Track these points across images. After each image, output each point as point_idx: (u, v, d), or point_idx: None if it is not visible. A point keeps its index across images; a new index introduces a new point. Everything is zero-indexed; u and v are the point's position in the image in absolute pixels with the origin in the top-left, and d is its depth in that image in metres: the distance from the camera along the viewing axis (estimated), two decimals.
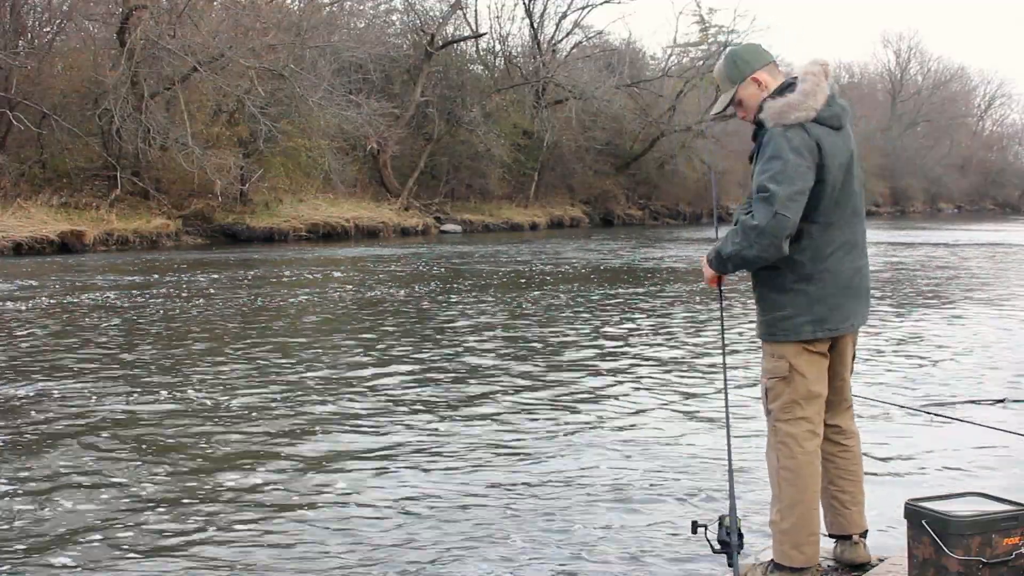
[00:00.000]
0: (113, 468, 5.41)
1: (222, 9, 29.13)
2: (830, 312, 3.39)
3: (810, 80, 3.34)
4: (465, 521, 4.61)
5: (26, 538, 4.37)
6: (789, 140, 3.26)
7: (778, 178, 3.22)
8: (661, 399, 7.30)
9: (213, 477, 5.28)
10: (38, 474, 5.29)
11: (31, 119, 24.50)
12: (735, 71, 3.47)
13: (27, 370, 8.22)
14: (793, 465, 3.40)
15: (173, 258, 20.80)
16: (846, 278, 3.41)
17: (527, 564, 4.10)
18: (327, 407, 6.96)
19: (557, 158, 40.51)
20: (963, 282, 16.85)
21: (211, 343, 9.77)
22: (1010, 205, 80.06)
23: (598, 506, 4.82)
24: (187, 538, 4.38)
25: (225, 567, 4.07)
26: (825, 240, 3.37)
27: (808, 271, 3.37)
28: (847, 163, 3.37)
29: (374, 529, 4.50)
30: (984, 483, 4.78)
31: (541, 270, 18.86)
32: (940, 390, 7.63)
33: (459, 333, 10.60)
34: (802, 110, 3.28)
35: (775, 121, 3.30)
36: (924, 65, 77.49)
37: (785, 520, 3.41)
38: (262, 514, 4.70)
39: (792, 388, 3.41)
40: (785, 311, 3.40)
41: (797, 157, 3.25)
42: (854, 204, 3.43)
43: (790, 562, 3.42)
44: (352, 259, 21.32)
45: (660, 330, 10.93)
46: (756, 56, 3.50)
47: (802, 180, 3.24)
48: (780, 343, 3.42)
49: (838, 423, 3.60)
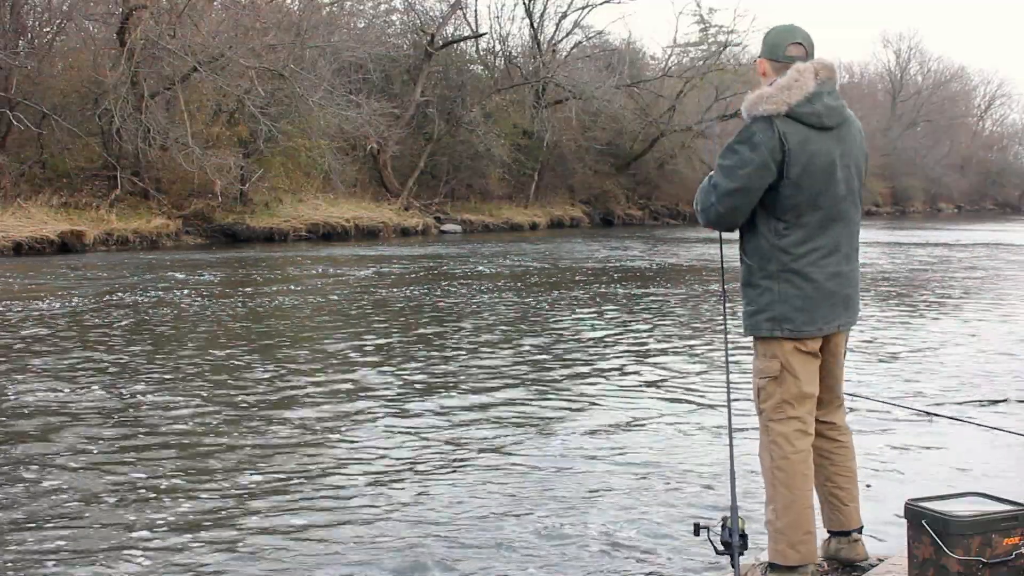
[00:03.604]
0: (118, 462, 5.41)
1: (222, 9, 29.11)
2: (794, 313, 3.34)
3: (791, 74, 3.28)
4: (466, 523, 4.61)
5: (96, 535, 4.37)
6: (750, 133, 3.27)
7: (723, 170, 3.29)
8: (670, 398, 7.30)
9: (219, 473, 5.28)
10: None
11: (31, 119, 24.49)
12: (761, 47, 3.48)
13: (29, 369, 8.22)
14: (786, 465, 3.39)
15: (173, 258, 20.80)
16: (819, 282, 3.35)
17: (527, 563, 4.11)
18: (327, 406, 6.96)
19: (557, 158, 40.47)
20: (963, 282, 16.85)
21: (211, 342, 9.77)
22: (1010, 205, 80.00)
23: (600, 506, 4.82)
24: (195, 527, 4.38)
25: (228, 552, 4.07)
26: (793, 240, 3.33)
27: (773, 269, 3.36)
28: (827, 166, 3.30)
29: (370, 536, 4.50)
30: (984, 483, 4.78)
31: (543, 270, 18.86)
32: (940, 390, 7.63)
33: (464, 333, 10.60)
34: (772, 103, 3.25)
35: (746, 111, 3.31)
36: (924, 65, 77.47)
37: (780, 519, 3.41)
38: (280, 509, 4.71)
39: (784, 388, 3.40)
40: (751, 306, 3.43)
41: (751, 151, 3.25)
42: (839, 209, 3.37)
43: (785, 560, 3.41)
44: (352, 259, 21.31)
45: (669, 329, 10.93)
46: (770, 40, 3.44)
47: (747, 178, 3.25)
48: (769, 341, 3.40)
49: (832, 420, 3.60)
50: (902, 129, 68.59)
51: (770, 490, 3.45)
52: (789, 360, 3.38)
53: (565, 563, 4.11)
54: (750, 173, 3.25)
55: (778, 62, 3.38)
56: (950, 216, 66.14)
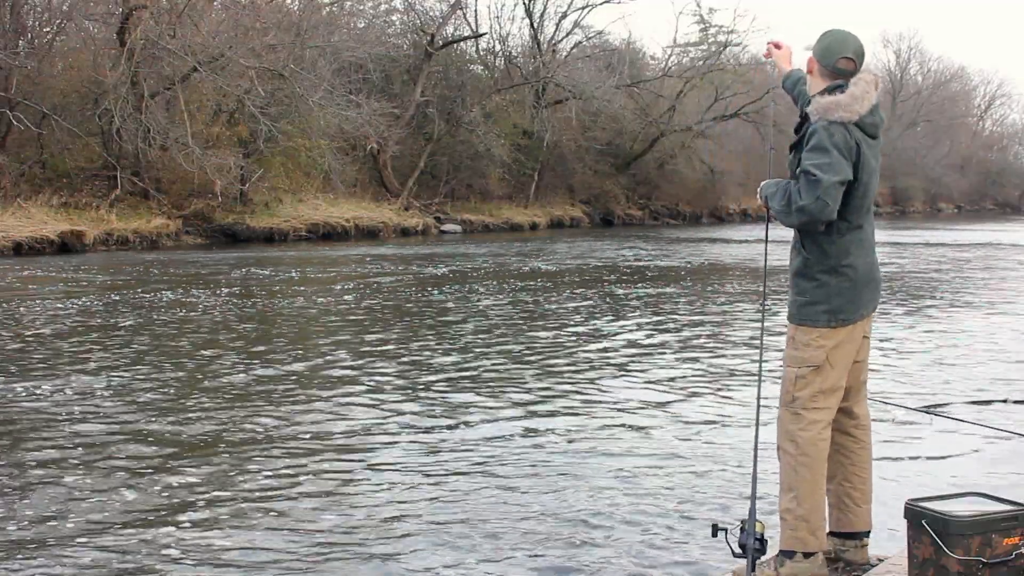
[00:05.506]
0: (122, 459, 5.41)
1: (222, 9, 29.09)
2: (847, 304, 3.52)
3: (861, 85, 3.49)
4: (476, 521, 4.61)
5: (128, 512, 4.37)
6: (831, 135, 3.41)
7: (823, 167, 3.38)
8: (692, 397, 7.30)
9: (227, 468, 5.28)
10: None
11: (31, 119, 24.47)
12: (815, 45, 3.60)
13: (30, 368, 8.22)
14: (814, 452, 3.49)
15: (173, 258, 20.79)
16: (864, 272, 3.56)
17: (543, 560, 4.11)
18: (329, 407, 6.96)
19: (557, 158, 40.44)
20: (964, 282, 16.85)
21: (212, 342, 9.77)
22: (1010, 205, 79.93)
23: (618, 506, 4.82)
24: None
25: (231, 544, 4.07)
26: (850, 238, 3.53)
27: (832, 264, 3.52)
28: (875, 171, 3.54)
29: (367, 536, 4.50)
30: (984, 483, 4.78)
31: (543, 270, 18.86)
32: (941, 390, 7.63)
33: (471, 334, 10.60)
34: (846, 111, 3.43)
35: (820, 115, 3.45)
36: (924, 65, 77.39)
37: (802, 505, 3.47)
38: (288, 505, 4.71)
39: (822, 378, 3.52)
40: (806, 297, 3.55)
41: (840, 151, 3.41)
42: (870, 205, 3.61)
43: (805, 547, 3.47)
44: (352, 259, 21.30)
45: (687, 331, 10.93)
46: (824, 44, 3.56)
47: (844, 173, 3.40)
48: (812, 328, 3.52)
49: (857, 411, 3.68)
50: (902, 129, 68.50)
51: (792, 477, 3.51)
52: (833, 352, 3.51)
53: (579, 559, 4.11)
54: (847, 167, 3.42)
55: (826, 68, 3.55)
56: (950, 216, 66.13)
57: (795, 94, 3.89)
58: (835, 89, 3.48)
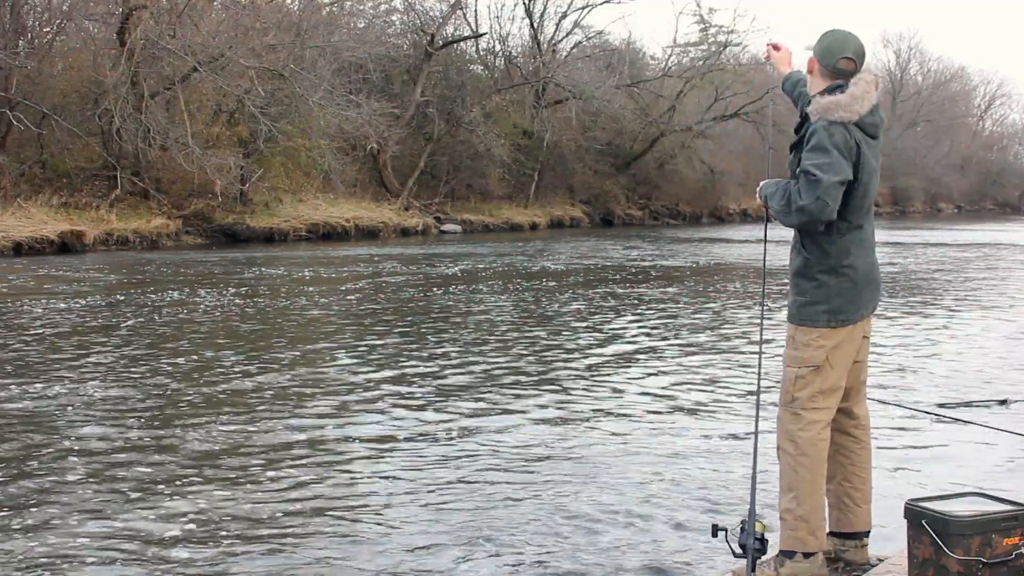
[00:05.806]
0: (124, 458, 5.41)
1: (222, 9, 29.08)
2: (847, 304, 3.53)
3: (861, 85, 3.49)
4: (482, 522, 4.61)
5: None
6: (831, 135, 3.42)
7: (823, 167, 3.38)
8: (692, 397, 7.30)
9: (231, 465, 5.28)
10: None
11: (31, 119, 24.46)
12: (816, 45, 3.61)
13: (34, 368, 8.23)
14: (813, 452, 3.50)
15: (173, 258, 20.79)
16: (865, 272, 3.56)
17: (545, 560, 4.12)
18: (331, 407, 6.96)
19: (557, 158, 40.44)
20: (964, 282, 16.85)
21: (212, 340, 9.77)
22: (1010, 205, 79.91)
23: (618, 506, 4.83)
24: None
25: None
26: (850, 238, 3.53)
27: (833, 265, 3.52)
28: (875, 171, 3.54)
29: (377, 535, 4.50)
30: (984, 483, 4.78)
31: (547, 269, 18.86)
32: (941, 390, 7.63)
33: (467, 333, 10.60)
34: (846, 111, 3.44)
35: (820, 115, 3.46)
36: (924, 65, 77.38)
37: (802, 506, 3.48)
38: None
39: (822, 378, 3.52)
40: (806, 297, 3.55)
41: (840, 151, 3.41)
42: (870, 205, 3.62)
43: (805, 547, 3.48)
44: (352, 259, 21.31)
45: (687, 331, 10.93)
46: (825, 44, 3.57)
47: (844, 173, 3.40)
48: (812, 328, 3.52)
49: (857, 412, 3.68)
50: (902, 129, 68.50)
51: (792, 478, 3.52)
52: (832, 352, 3.52)
53: (579, 562, 4.12)
54: (847, 167, 3.43)
55: (826, 68, 3.56)
56: (950, 216, 66.14)
57: (795, 96, 3.89)
58: (835, 89, 3.48)
